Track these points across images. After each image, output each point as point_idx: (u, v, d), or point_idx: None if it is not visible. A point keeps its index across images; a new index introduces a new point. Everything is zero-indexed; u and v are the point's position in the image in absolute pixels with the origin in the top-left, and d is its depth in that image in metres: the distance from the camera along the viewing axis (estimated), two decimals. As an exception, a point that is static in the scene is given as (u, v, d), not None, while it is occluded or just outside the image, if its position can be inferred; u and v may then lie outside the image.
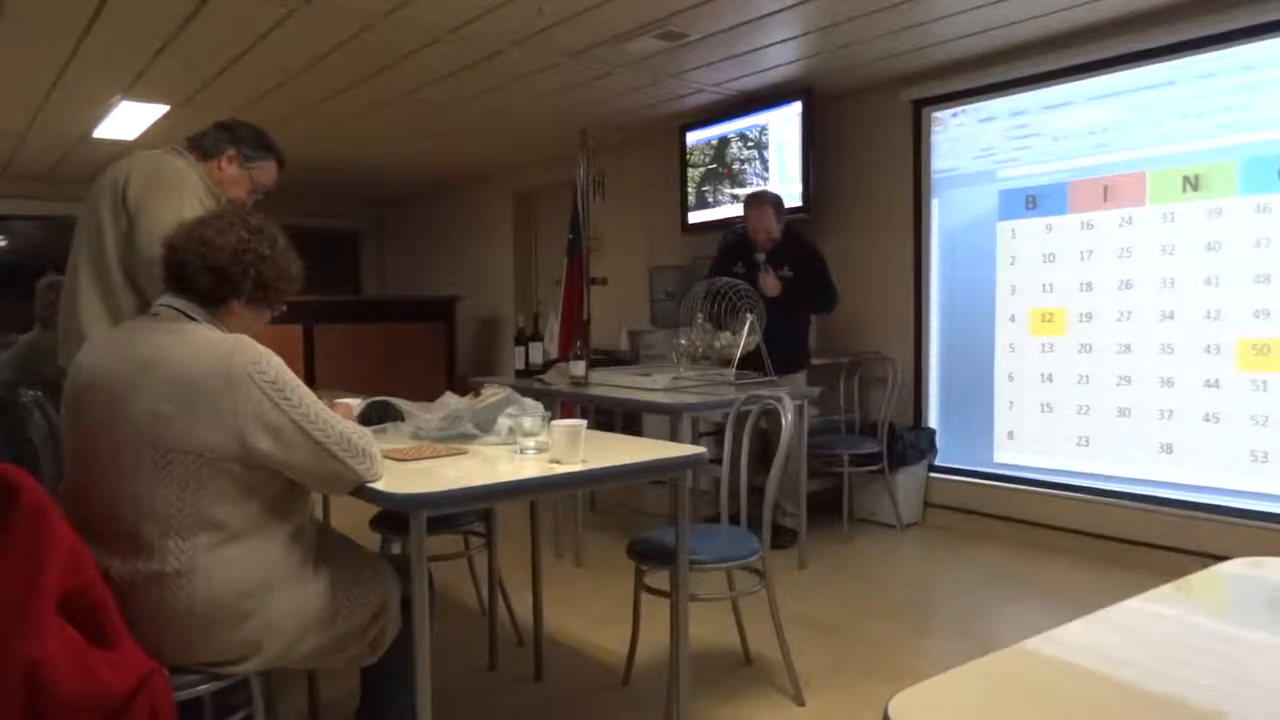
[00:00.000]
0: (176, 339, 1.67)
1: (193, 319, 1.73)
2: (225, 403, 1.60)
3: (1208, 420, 3.84)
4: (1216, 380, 3.81)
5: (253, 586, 1.65)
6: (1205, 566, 1.35)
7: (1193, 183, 3.87)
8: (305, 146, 6.08)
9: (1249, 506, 3.71)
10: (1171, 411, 3.95)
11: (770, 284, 4.19)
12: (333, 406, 1.90)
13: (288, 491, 1.73)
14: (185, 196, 2.30)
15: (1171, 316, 3.94)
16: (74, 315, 2.38)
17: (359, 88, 4.92)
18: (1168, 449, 3.97)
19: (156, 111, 5.32)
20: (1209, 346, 3.83)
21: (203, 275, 1.73)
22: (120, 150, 6.17)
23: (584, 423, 2.09)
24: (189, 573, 1.60)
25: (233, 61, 4.38)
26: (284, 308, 1.90)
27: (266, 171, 2.58)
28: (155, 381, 1.62)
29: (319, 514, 1.99)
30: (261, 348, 1.69)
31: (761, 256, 4.34)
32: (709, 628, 3.10)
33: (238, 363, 1.63)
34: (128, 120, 5.51)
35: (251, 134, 2.55)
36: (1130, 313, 4.08)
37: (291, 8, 3.66)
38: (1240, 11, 3.64)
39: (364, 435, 1.78)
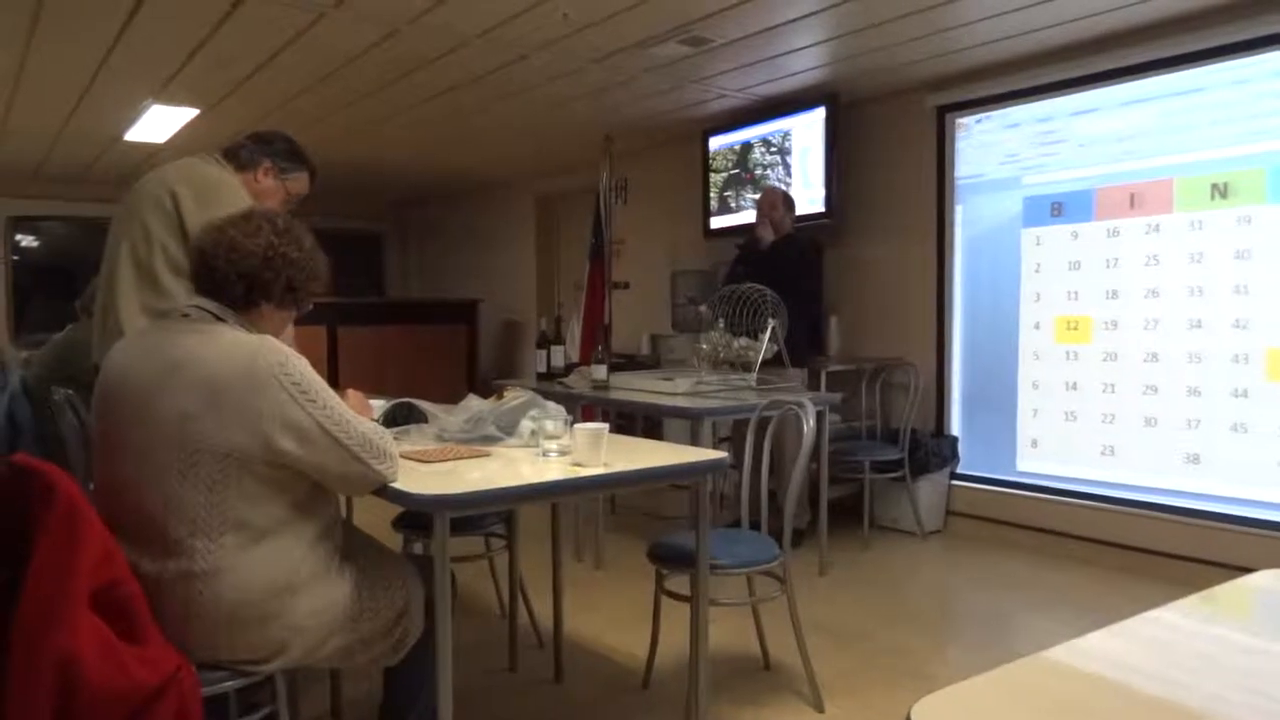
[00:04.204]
0: (204, 340, 1.69)
1: (221, 320, 1.75)
2: (251, 403, 1.62)
3: (1236, 430, 3.79)
4: (1245, 390, 3.76)
5: (279, 587, 1.67)
6: (1231, 578, 1.34)
7: (1221, 190, 3.83)
8: (332, 149, 6.14)
9: (1277, 518, 3.65)
10: (1198, 421, 3.91)
11: (766, 232, 4.64)
12: (343, 395, 1.91)
13: (314, 491, 1.75)
14: (240, 207, 2.34)
15: (1199, 325, 3.90)
16: (113, 314, 2.41)
17: (386, 91, 4.97)
18: (1194, 459, 3.92)
19: (187, 115, 5.39)
20: (1237, 356, 3.78)
21: (235, 282, 1.75)
22: (151, 152, 6.28)
23: (606, 426, 2.10)
24: (216, 572, 1.63)
25: (262, 65, 4.43)
26: (310, 307, 1.92)
27: (300, 182, 2.65)
28: (183, 382, 1.64)
29: (342, 514, 2.01)
30: (287, 349, 1.70)
31: (765, 228, 4.68)
32: (729, 632, 3.10)
33: (263, 364, 1.65)
34: (158, 123, 5.59)
35: (286, 146, 2.62)
36: (1157, 321, 4.04)
37: (321, 11, 3.70)
38: (1271, 18, 3.59)
39: (384, 435, 1.79)
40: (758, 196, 5.02)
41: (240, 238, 1.77)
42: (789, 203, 4.80)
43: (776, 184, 5.31)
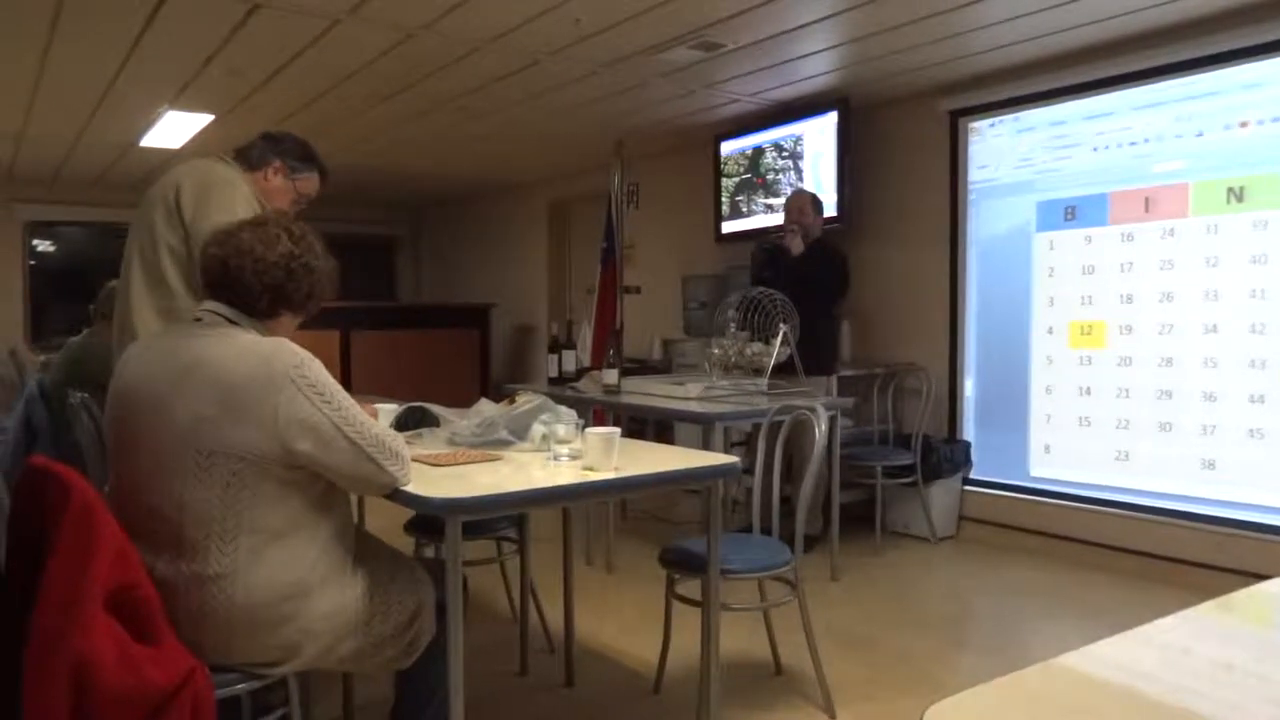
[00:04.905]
0: (218, 342, 1.71)
1: (235, 324, 1.77)
2: (267, 405, 1.63)
3: (1252, 436, 3.76)
4: (1261, 396, 3.73)
5: (292, 590, 1.68)
6: (1247, 585, 1.33)
7: (1237, 194, 3.80)
8: (345, 154, 6.18)
9: (1294, 525, 3.63)
10: (1214, 427, 3.88)
11: (795, 243, 4.46)
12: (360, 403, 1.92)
13: (328, 493, 1.76)
14: (237, 204, 2.36)
15: (1215, 330, 3.87)
16: (127, 319, 2.43)
17: (399, 97, 4.99)
18: (1209, 465, 3.90)
19: (201, 121, 5.44)
20: (1253, 361, 3.76)
21: (260, 294, 1.76)
22: (166, 158, 6.34)
23: (618, 430, 2.10)
24: (231, 575, 1.64)
25: (277, 71, 4.47)
26: (317, 309, 1.93)
27: (310, 183, 2.66)
28: (198, 385, 1.65)
29: (354, 518, 2.02)
30: (302, 351, 1.72)
31: (793, 228, 4.54)
32: (740, 637, 3.09)
33: (279, 365, 1.66)
34: (173, 129, 5.64)
35: (297, 146, 2.63)
36: (1172, 326, 4.01)
37: (335, 19, 3.72)
38: (1287, 21, 3.58)
39: (396, 438, 1.81)
40: (784, 200, 4.85)
41: (260, 248, 1.77)
42: (818, 205, 4.65)
43: (789, 191, 5.28)
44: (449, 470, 2.04)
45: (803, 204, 4.65)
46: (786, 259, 4.48)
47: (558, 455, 2.14)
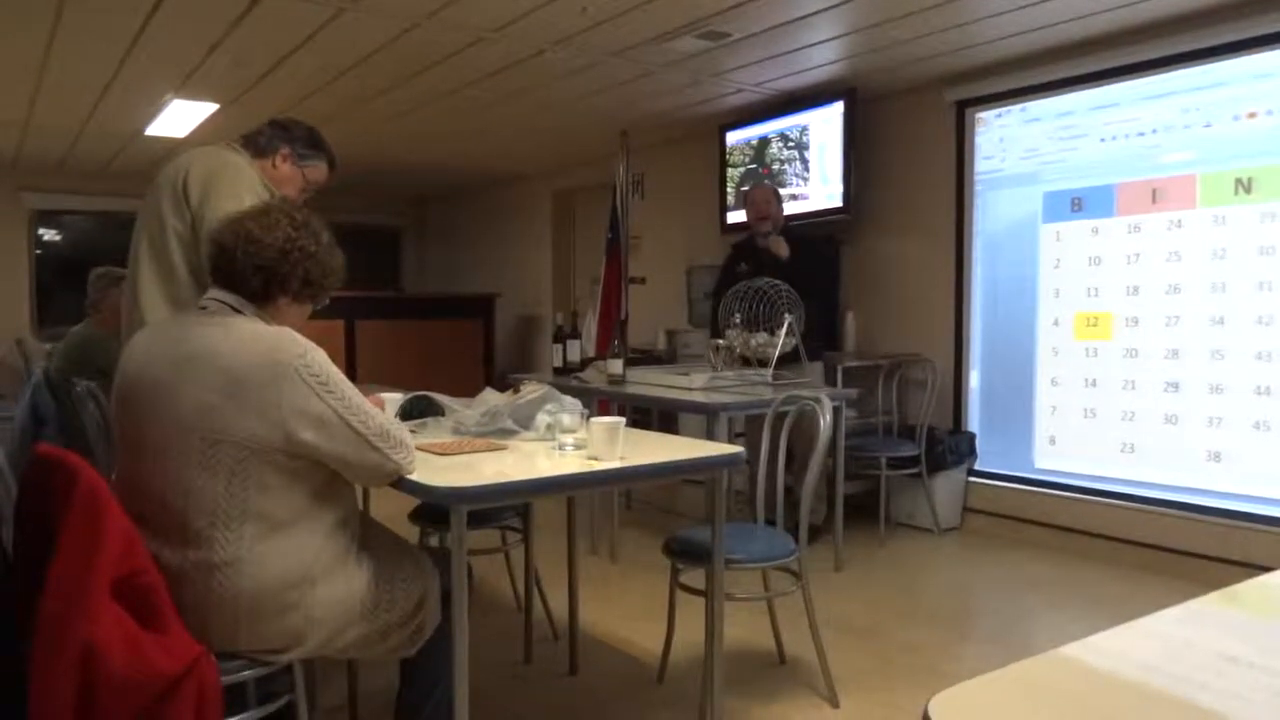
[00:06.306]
0: (223, 332, 1.71)
1: (239, 312, 1.77)
2: (270, 394, 1.63)
3: (1258, 428, 3.75)
4: (1268, 388, 3.72)
5: (297, 578, 1.69)
6: (1253, 577, 1.33)
7: (1245, 185, 3.78)
8: (350, 144, 6.15)
9: (1300, 517, 3.62)
10: (1220, 419, 3.87)
11: (781, 246, 4.37)
12: (366, 394, 1.92)
13: (332, 481, 1.76)
14: (243, 191, 2.36)
15: (1222, 322, 3.86)
16: (136, 307, 2.43)
17: (403, 86, 4.98)
18: (1215, 457, 3.89)
19: (206, 110, 5.43)
20: (1260, 353, 3.74)
21: (253, 275, 1.76)
22: (171, 147, 6.35)
23: (622, 420, 2.10)
24: (236, 563, 1.64)
25: (281, 60, 4.46)
26: (327, 301, 1.93)
27: (318, 170, 2.64)
28: (202, 373, 1.66)
29: (359, 506, 2.02)
30: (306, 341, 1.72)
31: (766, 227, 4.46)
32: (744, 627, 3.10)
33: (283, 355, 1.66)
34: (178, 118, 5.63)
35: (305, 133, 2.61)
36: (1179, 318, 4.00)
37: (340, 7, 3.71)
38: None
39: (400, 427, 1.82)
40: (749, 201, 4.65)
41: (257, 231, 1.78)
42: (779, 196, 4.70)
43: (795, 181, 5.27)
44: (454, 459, 2.04)
45: (768, 195, 4.56)
46: (769, 259, 4.37)
47: (562, 445, 2.15)
